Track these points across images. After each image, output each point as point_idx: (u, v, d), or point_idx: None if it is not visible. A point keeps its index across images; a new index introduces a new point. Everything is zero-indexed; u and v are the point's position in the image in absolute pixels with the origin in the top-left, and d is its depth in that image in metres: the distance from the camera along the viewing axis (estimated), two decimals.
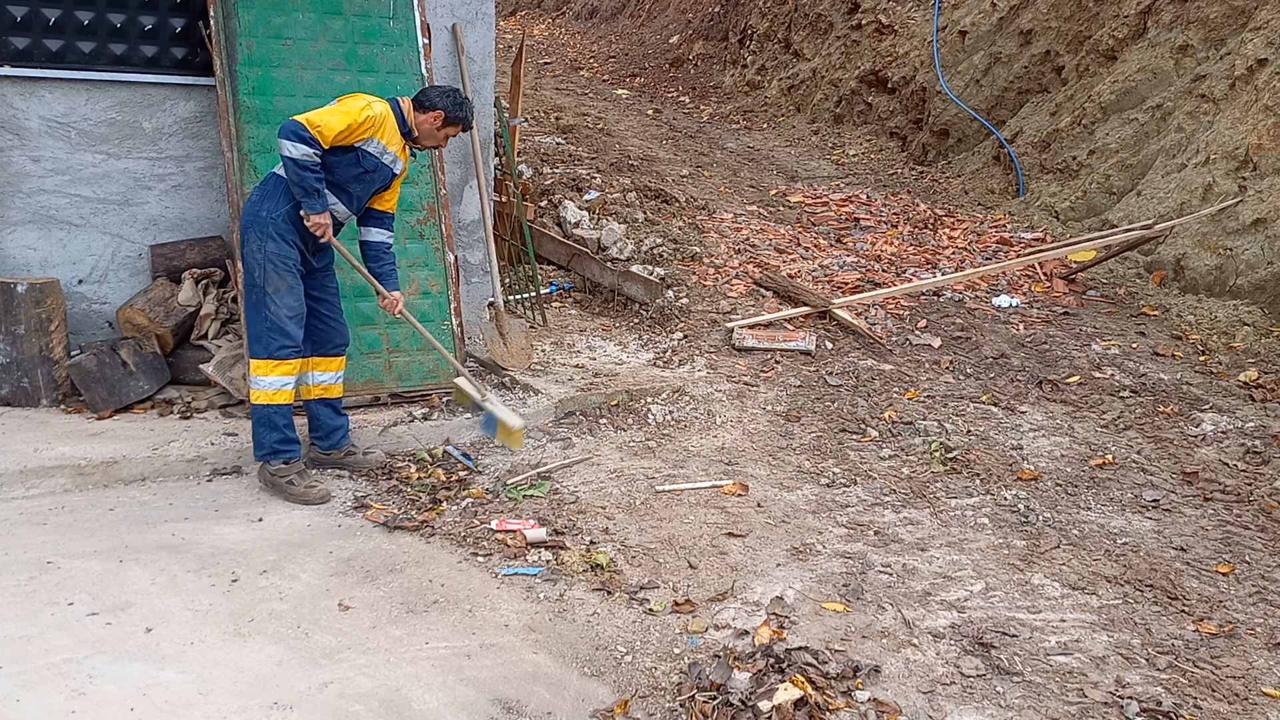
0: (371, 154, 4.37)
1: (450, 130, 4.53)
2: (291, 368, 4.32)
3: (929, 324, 6.76)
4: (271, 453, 4.34)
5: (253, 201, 4.32)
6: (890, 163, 10.77)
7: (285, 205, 4.27)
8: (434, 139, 4.55)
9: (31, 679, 2.94)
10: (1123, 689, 3.19)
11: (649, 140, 11.01)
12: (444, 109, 4.45)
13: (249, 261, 4.29)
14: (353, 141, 4.28)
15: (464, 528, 4.14)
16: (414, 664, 3.17)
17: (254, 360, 4.32)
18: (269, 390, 4.29)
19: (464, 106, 4.51)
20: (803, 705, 2.93)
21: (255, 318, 4.32)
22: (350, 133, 4.24)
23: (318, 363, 4.59)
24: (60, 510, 4.08)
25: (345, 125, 4.20)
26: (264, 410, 4.31)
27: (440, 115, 4.45)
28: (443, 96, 4.46)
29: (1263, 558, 4.14)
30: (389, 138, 4.39)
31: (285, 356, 4.28)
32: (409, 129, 4.47)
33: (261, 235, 4.25)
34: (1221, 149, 7.31)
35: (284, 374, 4.30)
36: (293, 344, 4.29)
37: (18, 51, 5.04)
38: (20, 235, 5.16)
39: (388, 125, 4.37)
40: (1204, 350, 6.40)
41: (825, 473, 4.88)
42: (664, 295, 6.96)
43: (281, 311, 4.26)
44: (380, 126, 4.33)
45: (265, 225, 4.26)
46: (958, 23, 10.63)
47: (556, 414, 5.36)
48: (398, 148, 4.46)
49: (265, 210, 4.27)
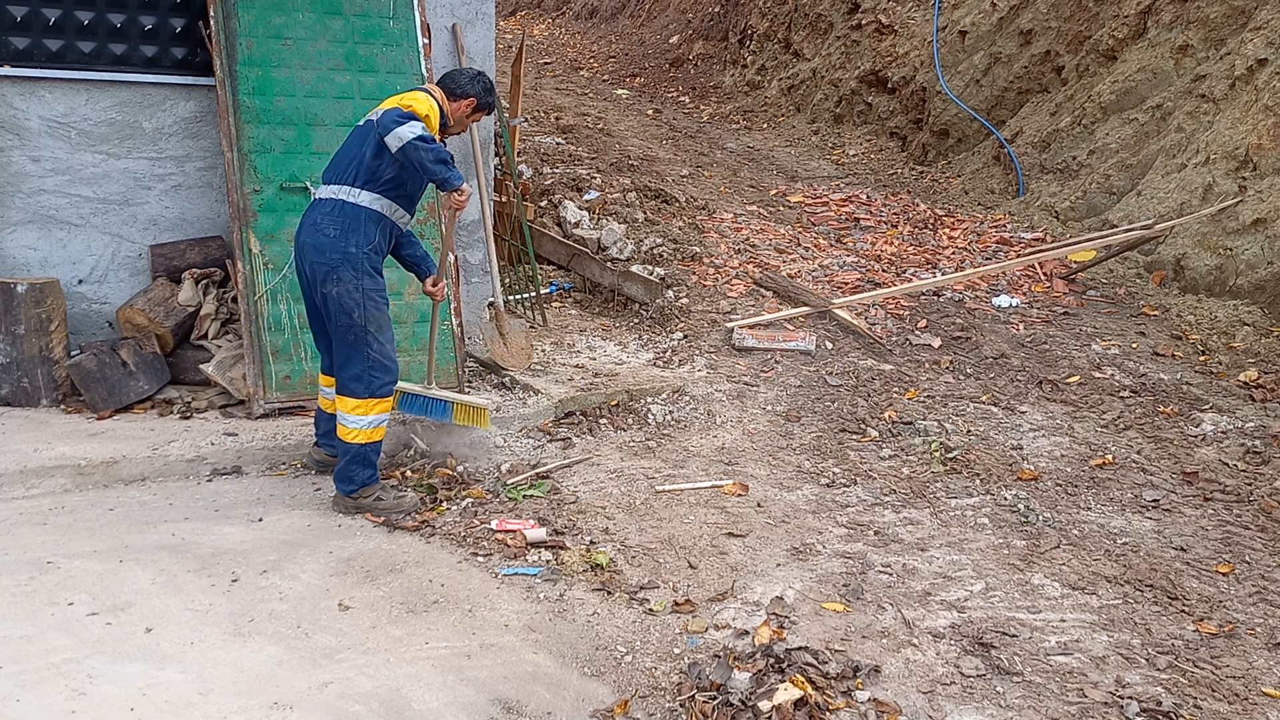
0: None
1: (478, 116, 4.45)
2: (389, 404, 4.22)
3: (929, 324, 6.76)
4: (361, 487, 4.20)
5: (332, 237, 4.05)
6: (890, 163, 10.77)
7: (375, 237, 4.11)
8: (463, 126, 4.48)
9: (31, 679, 2.94)
10: (1123, 689, 3.19)
11: (649, 140, 11.01)
12: (475, 95, 4.36)
13: (346, 301, 4.05)
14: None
15: (464, 528, 4.15)
16: (414, 664, 3.17)
17: (351, 399, 4.11)
18: (368, 429, 4.13)
19: (492, 91, 4.46)
20: (803, 705, 2.93)
21: (356, 356, 4.10)
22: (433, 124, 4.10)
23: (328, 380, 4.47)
24: (60, 510, 4.08)
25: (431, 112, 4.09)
26: (363, 449, 4.14)
27: (472, 102, 4.37)
28: (472, 83, 4.36)
29: (1263, 558, 4.14)
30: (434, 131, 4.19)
31: (387, 395, 4.17)
32: (446, 120, 4.31)
33: (358, 272, 4.05)
34: (1221, 149, 7.31)
35: (383, 411, 4.18)
36: (394, 379, 4.20)
37: (18, 51, 5.05)
38: (20, 235, 5.16)
39: (435, 120, 4.20)
40: (1204, 350, 6.40)
41: (825, 473, 4.88)
42: (664, 295, 6.96)
43: (386, 348, 4.14)
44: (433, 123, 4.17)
45: (359, 261, 4.06)
46: (958, 23, 10.63)
47: (556, 414, 5.36)
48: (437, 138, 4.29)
49: (354, 245, 4.06)
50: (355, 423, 4.13)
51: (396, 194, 4.19)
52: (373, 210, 4.12)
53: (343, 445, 4.17)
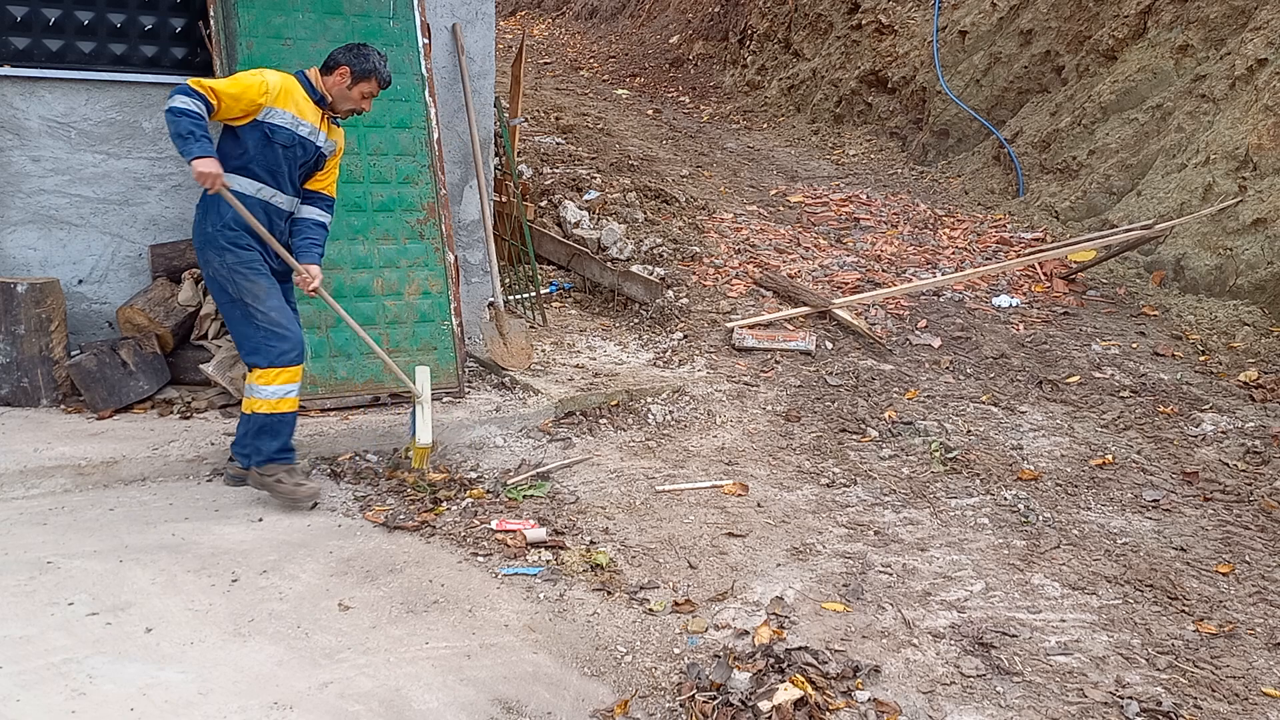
0: (282, 126, 4.11)
1: (364, 87, 4.21)
2: (295, 374, 4.17)
3: (929, 324, 6.76)
4: (268, 460, 4.20)
5: (196, 222, 4.16)
6: (890, 163, 10.77)
7: (227, 213, 4.09)
8: (350, 101, 4.24)
9: (31, 679, 2.94)
10: (1123, 689, 3.19)
11: (649, 140, 11.01)
12: (347, 64, 4.16)
13: (218, 280, 4.12)
14: (254, 114, 4.06)
15: (464, 528, 4.14)
16: (414, 664, 3.17)
17: (254, 370, 4.13)
18: (273, 400, 4.13)
19: (369, 58, 4.18)
20: (803, 705, 2.93)
21: (246, 331, 4.13)
22: (241, 96, 3.98)
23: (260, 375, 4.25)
24: (60, 510, 4.08)
25: (232, 85, 3.97)
26: (269, 420, 4.15)
27: (346, 71, 4.16)
28: (345, 52, 4.19)
29: (1263, 558, 4.14)
30: (298, 107, 4.14)
31: (288, 363, 4.13)
32: (320, 95, 4.21)
33: (218, 250, 4.10)
34: (1221, 149, 7.31)
35: (288, 381, 4.15)
36: (295, 347, 4.14)
37: (18, 51, 5.04)
38: (20, 235, 5.16)
39: (291, 94, 4.12)
40: (1204, 350, 6.40)
41: (825, 473, 4.88)
42: (664, 295, 6.96)
43: (273, 315, 4.11)
44: (278, 95, 4.08)
45: (215, 239, 4.11)
46: (958, 23, 10.63)
47: (556, 414, 5.36)
48: (315, 118, 4.21)
49: (210, 225, 4.12)
50: (259, 392, 4.12)
51: (248, 170, 4.13)
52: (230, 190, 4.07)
53: (245, 417, 4.20)
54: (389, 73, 4.28)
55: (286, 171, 4.21)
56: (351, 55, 4.18)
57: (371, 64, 4.19)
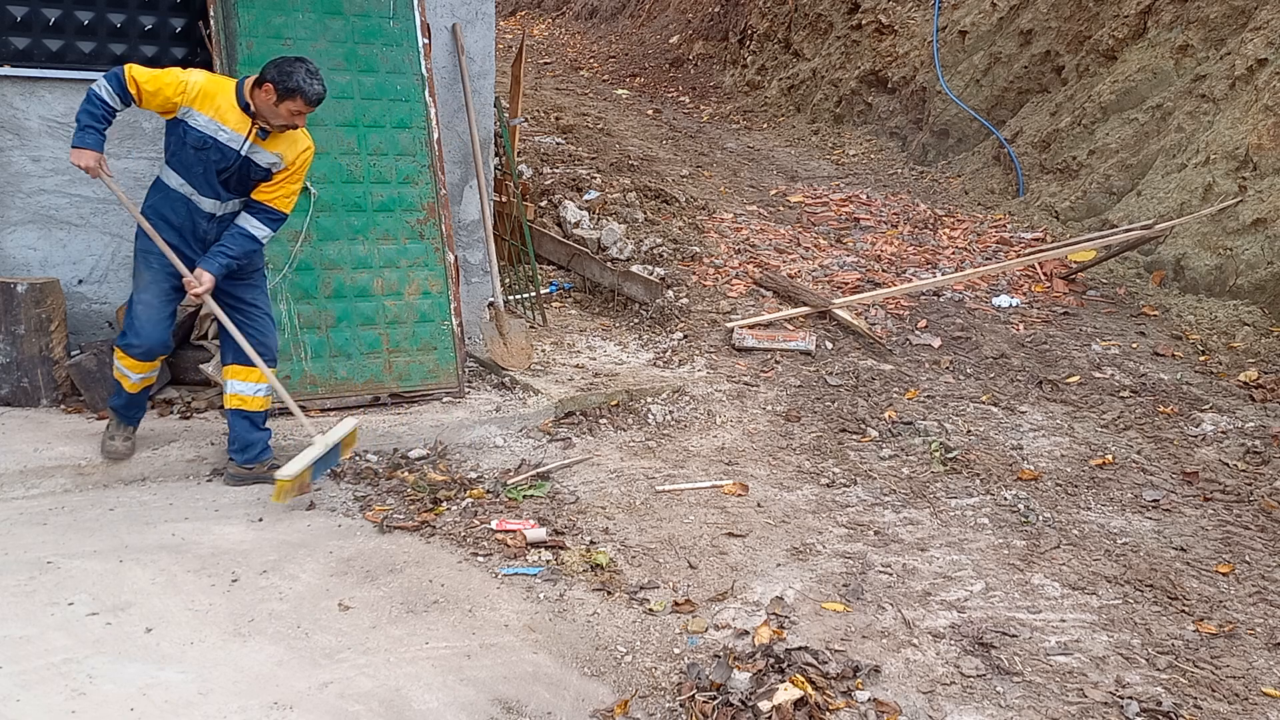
0: (196, 129, 4.07)
1: (290, 105, 4.02)
2: (129, 362, 4.25)
3: (929, 324, 6.76)
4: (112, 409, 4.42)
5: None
6: (890, 163, 10.77)
7: (154, 200, 4.24)
8: (279, 117, 4.07)
9: (31, 679, 2.94)
10: (1123, 689, 3.19)
11: (649, 140, 11.01)
12: (271, 80, 3.98)
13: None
14: (173, 112, 4.07)
15: (464, 528, 4.14)
16: (414, 664, 3.17)
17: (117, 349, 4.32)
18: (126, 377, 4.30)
19: (293, 76, 3.97)
20: (803, 705, 2.93)
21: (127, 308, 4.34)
22: (158, 93, 4.00)
23: (235, 371, 4.39)
24: (60, 510, 4.08)
25: (152, 81, 3.98)
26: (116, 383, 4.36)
27: (270, 88, 4.00)
28: (273, 66, 4.01)
29: (1263, 558, 4.14)
30: (219, 112, 4.06)
31: (127, 352, 4.23)
32: (246, 103, 4.08)
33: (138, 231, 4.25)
34: (1221, 149, 7.31)
35: (126, 365, 4.27)
36: (138, 344, 4.19)
37: (18, 51, 5.04)
38: (20, 235, 5.16)
39: (214, 98, 4.05)
40: (1204, 350, 6.40)
41: (825, 473, 4.88)
42: (664, 295, 6.96)
43: (138, 309, 4.21)
44: (197, 96, 4.03)
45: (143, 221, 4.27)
46: (958, 23, 10.63)
47: (556, 414, 5.36)
48: (240, 127, 4.09)
49: (142, 207, 4.26)
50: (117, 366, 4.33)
51: (173, 164, 4.19)
52: (159, 178, 4.26)
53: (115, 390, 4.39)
54: (317, 91, 4.04)
55: (201, 173, 4.16)
56: (277, 71, 4.00)
57: (295, 82, 3.98)
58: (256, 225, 4.27)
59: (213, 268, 4.17)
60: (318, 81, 4.05)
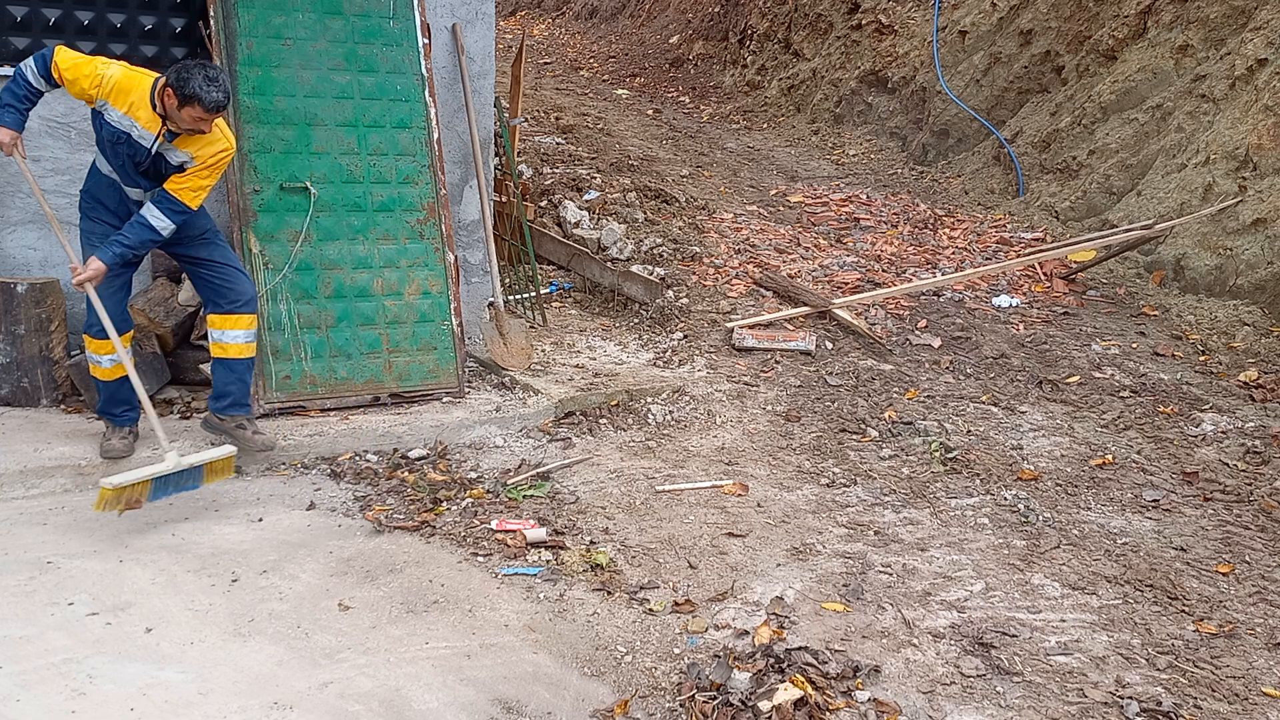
0: (110, 123, 4.04)
1: (193, 111, 3.88)
2: (96, 346, 4.31)
3: (929, 324, 6.76)
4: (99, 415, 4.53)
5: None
6: (890, 163, 10.77)
7: (89, 184, 4.33)
8: (183, 121, 3.95)
9: (31, 679, 2.94)
10: (1123, 689, 3.19)
11: (649, 140, 11.01)
12: (171, 85, 3.86)
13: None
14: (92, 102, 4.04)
15: (464, 528, 4.14)
16: (414, 664, 3.17)
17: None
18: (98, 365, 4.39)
19: (190, 82, 3.82)
20: (803, 705, 2.93)
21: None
22: (76, 81, 3.98)
23: (213, 320, 4.42)
24: (60, 510, 4.08)
25: (73, 70, 3.97)
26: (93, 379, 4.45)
27: (170, 93, 3.88)
28: (174, 71, 3.87)
29: (1263, 558, 4.14)
30: (131, 108, 3.99)
31: (89, 333, 4.32)
32: (155, 102, 3.99)
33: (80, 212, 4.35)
34: (1221, 149, 7.31)
35: (94, 350, 4.34)
36: (95, 322, 4.19)
37: (18, 51, 5.04)
38: (20, 235, 5.16)
39: (128, 95, 3.98)
40: (1204, 350, 6.41)
41: (825, 473, 4.88)
42: (664, 295, 6.96)
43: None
44: (111, 91, 3.97)
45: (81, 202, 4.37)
46: (958, 23, 10.63)
47: (556, 414, 5.36)
48: (152, 126, 4.02)
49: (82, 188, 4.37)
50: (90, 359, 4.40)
51: (101, 150, 4.24)
52: (94, 163, 4.34)
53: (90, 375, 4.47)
54: (214, 99, 3.88)
55: (120, 164, 4.19)
56: (176, 77, 3.87)
57: (192, 89, 3.83)
58: (157, 215, 4.14)
59: (106, 256, 4.10)
60: (217, 89, 3.88)
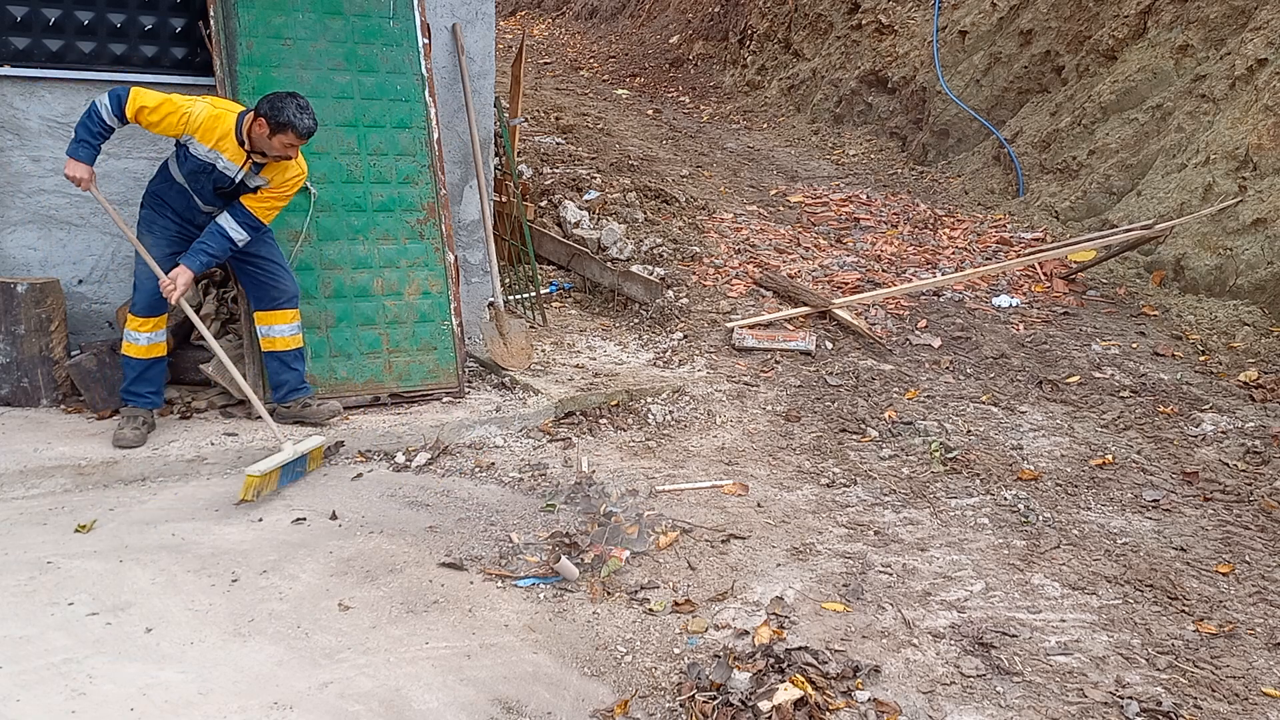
0: (194, 155, 4.39)
1: (282, 138, 4.29)
2: (138, 323, 4.52)
3: (929, 324, 6.76)
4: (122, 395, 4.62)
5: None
6: (890, 163, 10.77)
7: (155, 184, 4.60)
8: (272, 149, 4.35)
9: (31, 679, 2.94)
10: (1123, 689, 3.19)
11: (649, 140, 11.01)
12: (264, 115, 4.26)
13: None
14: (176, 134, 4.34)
15: None
16: (414, 664, 3.17)
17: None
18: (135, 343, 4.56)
19: (284, 111, 4.24)
20: (803, 705, 2.93)
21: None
22: (160, 123, 4.28)
23: (262, 317, 4.77)
24: (60, 510, 4.08)
25: (155, 112, 4.25)
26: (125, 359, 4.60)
27: (263, 123, 4.28)
28: (266, 102, 4.28)
29: (1263, 558, 4.14)
30: (219, 144, 4.35)
31: (136, 313, 4.52)
32: (242, 137, 4.36)
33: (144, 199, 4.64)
34: (1221, 149, 7.31)
35: (134, 328, 4.52)
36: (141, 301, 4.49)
37: (18, 51, 5.04)
38: (20, 235, 5.16)
39: (214, 132, 4.32)
40: (1204, 350, 6.40)
41: (825, 473, 4.88)
42: (664, 295, 6.96)
43: (139, 267, 4.50)
44: (200, 127, 4.30)
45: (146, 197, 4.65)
46: (958, 23, 10.63)
47: (556, 414, 5.36)
48: (238, 159, 4.40)
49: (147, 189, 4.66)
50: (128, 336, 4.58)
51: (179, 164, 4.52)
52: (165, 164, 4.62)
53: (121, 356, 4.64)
54: (307, 125, 4.30)
55: (200, 186, 4.52)
56: (269, 107, 4.26)
57: (286, 117, 4.24)
58: (235, 228, 4.52)
59: (194, 265, 4.45)
60: (308, 116, 4.30)
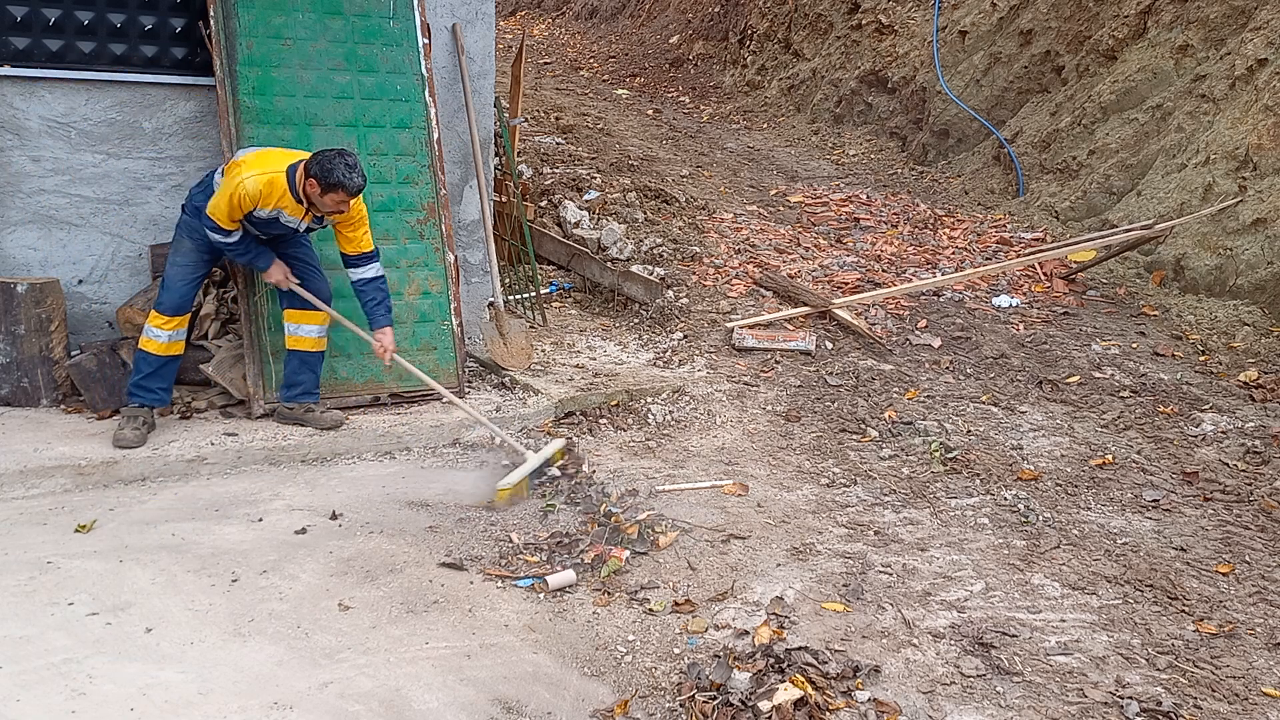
0: (257, 217, 4.51)
1: (336, 197, 4.38)
2: (162, 321, 4.58)
3: (929, 324, 6.76)
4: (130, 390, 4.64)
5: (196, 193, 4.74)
6: (890, 163, 10.76)
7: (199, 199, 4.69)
8: (324, 205, 4.45)
9: (31, 679, 2.94)
10: (1123, 689, 3.19)
11: (649, 140, 11.01)
12: (315, 176, 4.35)
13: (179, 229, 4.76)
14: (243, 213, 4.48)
15: None
16: (414, 664, 3.17)
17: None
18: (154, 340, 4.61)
19: (334, 172, 4.31)
20: (803, 705, 2.93)
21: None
22: (235, 214, 4.43)
23: (292, 315, 4.87)
24: (60, 510, 4.08)
25: (229, 215, 4.42)
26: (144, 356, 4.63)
27: (314, 183, 4.37)
28: (315, 163, 4.36)
29: (1263, 558, 4.14)
30: (280, 205, 4.47)
31: (158, 311, 4.59)
32: (298, 194, 4.46)
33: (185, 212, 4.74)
34: (1221, 149, 7.31)
35: (157, 325, 4.57)
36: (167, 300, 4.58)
37: (18, 51, 5.04)
38: (20, 235, 5.16)
39: (270, 196, 4.42)
40: (1204, 350, 6.40)
41: (825, 473, 4.88)
42: (664, 295, 6.96)
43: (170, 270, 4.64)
44: (259, 199, 4.40)
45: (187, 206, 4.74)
46: (958, 23, 10.62)
47: (556, 414, 5.36)
48: (297, 213, 4.54)
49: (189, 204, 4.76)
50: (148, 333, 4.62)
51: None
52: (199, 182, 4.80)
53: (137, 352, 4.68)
54: (357, 184, 4.37)
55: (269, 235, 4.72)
56: (319, 168, 4.34)
57: (336, 179, 4.32)
58: (368, 270, 4.79)
59: (386, 321, 4.80)
60: (358, 174, 4.38)
